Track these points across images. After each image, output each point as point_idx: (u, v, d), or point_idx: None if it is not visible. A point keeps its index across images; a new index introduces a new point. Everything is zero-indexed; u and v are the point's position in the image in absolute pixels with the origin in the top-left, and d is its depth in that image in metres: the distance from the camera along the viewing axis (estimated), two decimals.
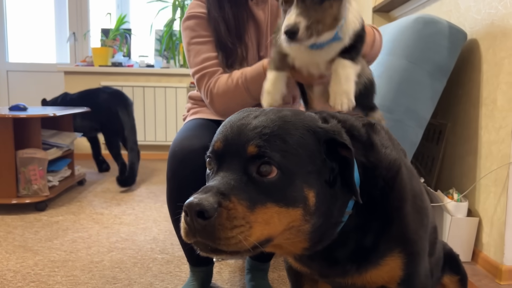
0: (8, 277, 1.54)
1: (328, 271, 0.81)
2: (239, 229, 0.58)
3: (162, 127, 4.04)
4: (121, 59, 4.04)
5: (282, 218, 0.62)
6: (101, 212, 2.36)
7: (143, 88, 3.97)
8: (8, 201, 2.29)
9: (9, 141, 2.27)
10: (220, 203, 0.59)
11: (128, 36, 4.20)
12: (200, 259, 1.37)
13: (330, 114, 0.76)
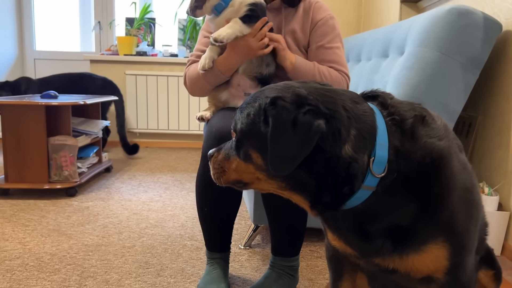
0: (46, 260, 1.60)
1: (364, 247, 0.83)
2: (216, 171, 0.87)
3: (185, 116, 4.08)
4: (146, 48, 4.08)
5: (241, 168, 0.83)
6: (129, 198, 2.42)
7: (167, 77, 4.01)
8: (40, 186, 2.36)
9: (42, 128, 2.33)
10: (212, 154, 0.89)
11: (152, 25, 4.23)
12: (218, 245, 1.41)
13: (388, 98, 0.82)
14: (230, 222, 1.41)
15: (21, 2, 4.45)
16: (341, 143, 0.73)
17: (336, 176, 0.74)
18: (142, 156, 3.66)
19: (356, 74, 2.35)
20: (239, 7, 1.34)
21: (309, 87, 0.79)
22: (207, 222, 1.41)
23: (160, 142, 4.20)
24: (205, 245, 1.44)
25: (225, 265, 1.42)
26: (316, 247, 1.78)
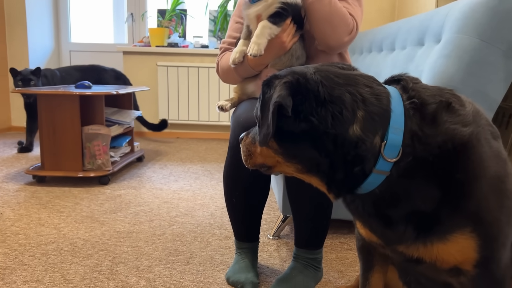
0: (79, 245, 1.65)
1: (387, 233, 0.82)
2: (245, 154, 0.91)
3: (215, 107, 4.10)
4: (177, 39, 4.11)
5: (263, 152, 0.86)
6: (161, 187, 2.45)
7: (197, 68, 4.03)
8: (74, 174, 2.43)
9: (76, 118, 2.39)
10: (242, 138, 0.93)
11: (184, 16, 4.26)
12: (246, 235, 1.41)
13: (411, 82, 0.81)
14: (258, 212, 1.40)
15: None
16: (346, 124, 0.74)
17: (345, 155, 0.75)
18: (173, 146, 3.70)
19: (390, 64, 2.28)
20: (271, 3, 1.31)
21: (322, 70, 0.80)
22: (235, 212, 1.40)
23: (191, 133, 4.24)
24: (234, 235, 1.44)
25: (253, 255, 1.42)
26: (346, 239, 1.75)
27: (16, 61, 4.23)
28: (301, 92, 0.77)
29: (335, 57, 1.42)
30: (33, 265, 1.47)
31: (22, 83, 3.11)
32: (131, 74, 4.16)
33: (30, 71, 3.16)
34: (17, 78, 3.12)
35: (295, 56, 1.38)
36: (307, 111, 0.76)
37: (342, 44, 1.35)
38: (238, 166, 1.29)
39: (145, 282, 1.36)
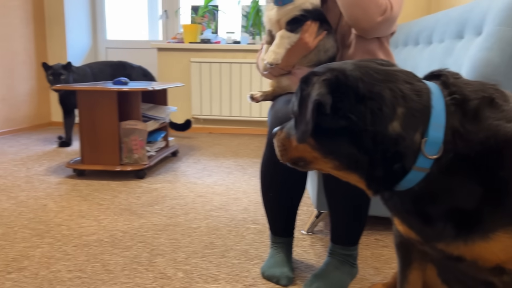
0: (118, 236, 1.70)
1: (425, 230, 0.82)
2: (280, 148, 0.91)
3: (247, 103, 4.12)
4: (210, 35, 4.15)
5: (300, 147, 0.85)
6: (195, 181, 2.49)
7: (230, 64, 4.06)
8: (112, 168, 2.51)
9: (114, 113, 2.46)
10: (276, 132, 0.93)
11: (216, 12, 4.29)
12: (282, 229, 1.42)
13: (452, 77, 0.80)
14: (294, 208, 1.41)
15: None
16: (385, 120, 0.74)
17: (384, 152, 0.75)
18: (205, 142, 3.76)
19: (427, 58, 2.23)
20: (292, 9, 1.32)
21: (361, 66, 0.80)
22: (271, 207, 1.41)
23: (223, 128, 4.28)
24: (269, 229, 1.45)
25: (288, 249, 1.43)
26: (381, 236, 1.73)
27: (55, 58, 4.38)
28: (340, 89, 0.77)
29: (374, 45, 1.37)
30: (76, 255, 1.53)
31: (53, 77, 3.16)
32: (165, 70, 4.23)
33: (61, 66, 3.22)
34: (49, 72, 3.19)
35: (323, 50, 1.38)
36: (345, 108, 0.76)
37: (376, 25, 1.29)
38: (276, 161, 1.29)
39: (182, 274, 1.40)
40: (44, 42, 4.41)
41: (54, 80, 3.15)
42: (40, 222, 1.84)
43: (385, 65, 0.84)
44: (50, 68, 3.20)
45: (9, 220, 1.85)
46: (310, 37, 1.34)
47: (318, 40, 1.35)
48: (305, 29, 1.32)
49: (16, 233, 1.71)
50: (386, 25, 1.32)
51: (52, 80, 3.16)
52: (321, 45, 1.36)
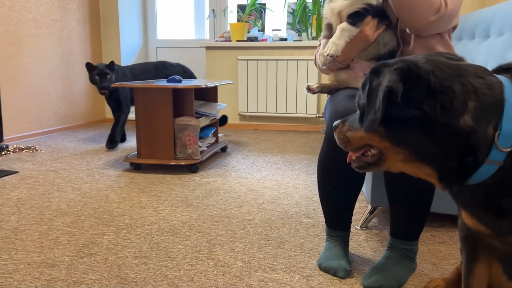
0: (178, 226, 1.79)
1: (497, 224, 0.82)
2: (342, 140, 0.95)
3: (293, 99, 4.15)
4: (256, 33, 4.21)
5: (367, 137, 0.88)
6: (245, 176, 2.56)
7: (276, 61, 4.10)
8: (168, 162, 2.61)
9: (169, 110, 2.56)
10: (337, 125, 0.96)
11: (263, 10, 4.34)
12: (338, 223, 1.44)
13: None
14: (352, 202, 1.43)
15: None
16: (457, 114, 0.75)
17: (457, 144, 0.76)
18: (252, 138, 3.82)
19: (485, 51, 2.17)
20: (355, 1, 1.34)
21: (432, 60, 0.81)
22: (328, 201, 1.44)
23: (269, 125, 4.33)
24: (325, 223, 1.48)
25: (345, 243, 1.45)
26: (437, 232, 1.72)
27: (109, 58, 4.59)
28: (412, 78, 0.78)
29: (433, 40, 1.36)
30: (140, 243, 1.62)
31: (99, 76, 3.10)
32: (213, 68, 4.33)
33: (105, 65, 3.16)
34: (94, 72, 3.12)
35: (382, 44, 1.39)
36: (417, 99, 0.77)
37: (429, 24, 1.28)
38: (334, 155, 1.33)
39: (241, 263, 1.45)
40: (99, 42, 4.62)
41: (100, 80, 3.11)
42: (104, 212, 1.95)
43: (454, 59, 0.85)
44: (95, 68, 3.14)
45: (76, 209, 1.98)
46: (370, 30, 1.35)
47: (378, 33, 1.36)
48: (367, 21, 1.34)
49: (84, 222, 1.83)
50: (442, 23, 1.31)
51: (98, 80, 3.11)
52: (380, 38, 1.37)
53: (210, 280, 1.34)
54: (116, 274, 1.38)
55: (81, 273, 1.38)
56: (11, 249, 1.55)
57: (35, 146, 3.34)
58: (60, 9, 4.02)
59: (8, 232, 1.71)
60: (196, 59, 4.78)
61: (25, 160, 2.93)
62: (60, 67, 4.08)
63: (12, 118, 3.57)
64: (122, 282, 1.33)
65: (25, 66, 3.67)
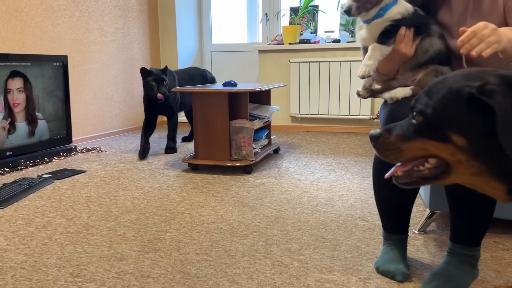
0: (235, 226, 1.85)
1: None
2: (392, 152, 0.90)
3: (346, 100, 4.12)
4: (309, 35, 4.22)
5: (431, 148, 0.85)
6: (298, 178, 2.59)
7: (329, 63, 4.09)
8: (223, 163, 2.70)
9: (225, 113, 2.65)
10: (381, 134, 0.92)
11: (316, 12, 4.34)
12: (395, 227, 1.43)
13: None
14: (409, 205, 1.42)
15: (201, 2, 5.03)
16: None
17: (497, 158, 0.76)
18: (304, 140, 3.84)
19: None
20: (380, 22, 1.33)
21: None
22: (384, 204, 1.44)
23: (320, 127, 4.32)
24: (382, 226, 1.48)
25: (402, 246, 1.44)
26: (501, 239, 1.66)
27: (167, 63, 4.79)
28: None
29: None
30: (200, 240, 1.70)
31: (156, 82, 3.04)
32: (265, 71, 4.40)
33: (160, 71, 3.10)
34: (150, 78, 3.04)
35: (422, 52, 1.38)
36: None
37: None
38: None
39: (298, 264, 1.49)
40: (158, 48, 4.84)
41: (158, 86, 3.04)
42: (166, 210, 2.06)
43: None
44: (150, 74, 3.06)
45: (140, 207, 2.11)
46: (406, 47, 1.34)
47: (415, 46, 1.36)
48: (399, 40, 1.33)
49: (148, 219, 1.95)
50: None
51: (155, 86, 3.04)
52: (418, 47, 1.37)
53: (268, 278, 1.39)
54: (180, 269, 1.46)
55: (147, 267, 1.48)
56: (84, 243, 1.69)
57: (100, 147, 3.56)
58: (122, 17, 4.26)
59: (80, 227, 1.86)
60: (249, 63, 4.87)
61: (92, 160, 3.14)
62: (122, 72, 4.32)
63: (79, 121, 3.83)
64: (185, 277, 1.41)
65: (91, 72, 3.92)
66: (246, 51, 4.85)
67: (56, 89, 3.25)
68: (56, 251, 1.61)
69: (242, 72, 4.93)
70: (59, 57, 3.24)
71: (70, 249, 1.63)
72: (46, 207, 2.11)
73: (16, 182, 2.45)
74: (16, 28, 3.18)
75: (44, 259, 1.55)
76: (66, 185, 2.50)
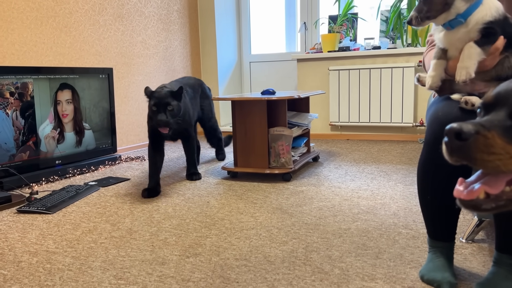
0: (274, 232, 1.84)
1: None
2: (498, 156, 0.64)
3: (387, 108, 4.03)
4: (348, 43, 4.18)
5: None
6: (338, 186, 2.54)
7: (369, 70, 4.03)
8: (262, 171, 2.70)
9: (264, 121, 2.66)
10: (478, 131, 0.65)
11: (355, 20, 4.31)
12: (441, 234, 1.37)
13: None
14: (455, 212, 1.36)
15: (240, 14, 5.11)
16: None
17: None
18: (344, 148, 3.78)
19: None
20: (472, 27, 1.22)
21: None
22: (429, 210, 1.39)
23: (361, 135, 4.25)
24: (427, 233, 1.43)
25: (449, 254, 1.38)
26: None
27: (208, 74, 4.89)
28: None
29: None
30: (239, 246, 1.71)
31: (157, 107, 2.36)
32: (304, 80, 4.39)
33: (168, 92, 2.40)
34: (151, 101, 2.39)
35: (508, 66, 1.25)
36: None
37: None
38: (435, 162, 1.28)
39: (339, 271, 1.46)
40: (199, 59, 4.95)
41: (159, 114, 2.36)
42: (206, 216, 2.08)
43: None
44: (152, 96, 2.41)
45: (181, 213, 2.14)
46: (491, 61, 1.24)
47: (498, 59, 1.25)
48: (492, 51, 1.22)
49: (189, 225, 1.97)
50: None
51: (155, 113, 2.37)
52: (506, 61, 1.25)
53: (308, 285, 1.37)
54: (219, 274, 1.47)
55: (188, 272, 1.50)
56: (127, 247, 1.73)
57: (143, 156, 3.66)
58: (164, 30, 4.39)
59: (124, 232, 1.91)
60: (287, 72, 4.89)
61: (135, 169, 3.24)
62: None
63: (123, 131, 3.97)
64: (225, 282, 1.41)
65: (134, 83, 4.06)
66: (285, 61, 4.87)
67: (102, 100, 3.39)
68: (101, 255, 1.66)
69: (281, 81, 4.95)
70: (105, 70, 3.38)
71: (114, 252, 1.68)
72: (92, 213, 2.19)
73: (64, 189, 2.56)
74: (66, 43, 3.36)
75: (90, 262, 1.60)
76: (110, 192, 2.59)
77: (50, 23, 3.23)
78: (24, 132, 2.80)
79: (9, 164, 2.70)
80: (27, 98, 2.81)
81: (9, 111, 2.70)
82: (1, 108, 2.65)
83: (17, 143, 2.76)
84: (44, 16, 3.18)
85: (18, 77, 2.75)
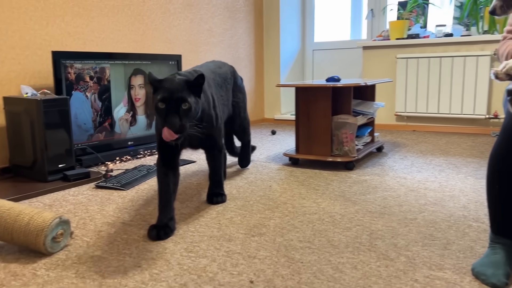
0: (337, 218, 1.85)
1: None
2: None
3: (459, 98, 3.84)
4: (418, 30, 4.02)
5: None
6: (404, 176, 2.48)
7: (439, 58, 3.85)
8: (324, 158, 2.70)
9: (328, 108, 2.65)
10: None
11: (426, 6, 4.12)
12: (503, 228, 1.31)
13: None
14: None
15: (305, 2, 5.07)
16: None
17: None
18: (410, 139, 3.66)
19: None
20: None
21: None
22: (494, 201, 1.32)
23: (428, 126, 4.09)
24: (490, 227, 1.36)
25: (509, 252, 1.31)
26: None
27: (270, 62, 4.92)
28: None
29: None
30: (302, 229, 1.73)
31: (167, 105, 1.56)
32: (369, 68, 4.29)
33: (183, 82, 1.63)
34: (158, 95, 1.60)
35: None
36: None
37: None
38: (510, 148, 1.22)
39: (405, 259, 1.44)
40: (262, 48, 4.99)
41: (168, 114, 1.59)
42: (269, 199, 2.13)
43: None
44: (159, 87, 1.62)
45: (245, 195, 2.21)
46: None
47: None
48: None
49: (252, 206, 2.03)
50: None
51: (163, 112, 1.60)
52: None
53: (373, 270, 1.37)
54: (284, 254, 1.51)
55: (253, 249, 1.55)
56: (196, 224, 1.82)
57: None
58: (230, 19, 4.48)
59: (192, 209, 2.01)
60: (352, 60, 4.79)
61: (201, 152, 3.36)
62: None
63: None
64: (289, 261, 1.45)
65: None
66: (349, 49, 4.78)
67: None
68: None
69: (345, 69, 4.87)
70: (174, 56, 3.52)
71: (184, 228, 1.78)
72: None
73: (137, 168, 2.72)
74: (139, 30, 3.53)
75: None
76: None
77: (125, 11, 3.41)
78: (101, 114, 3.01)
79: (87, 143, 2.92)
80: (105, 82, 3.01)
81: (88, 93, 2.90)
82: (82, 90, 2.86)
83: (95, 124, 2.96)
84: (120, 4, 3.36)
85: (97, 62, 2.94)
